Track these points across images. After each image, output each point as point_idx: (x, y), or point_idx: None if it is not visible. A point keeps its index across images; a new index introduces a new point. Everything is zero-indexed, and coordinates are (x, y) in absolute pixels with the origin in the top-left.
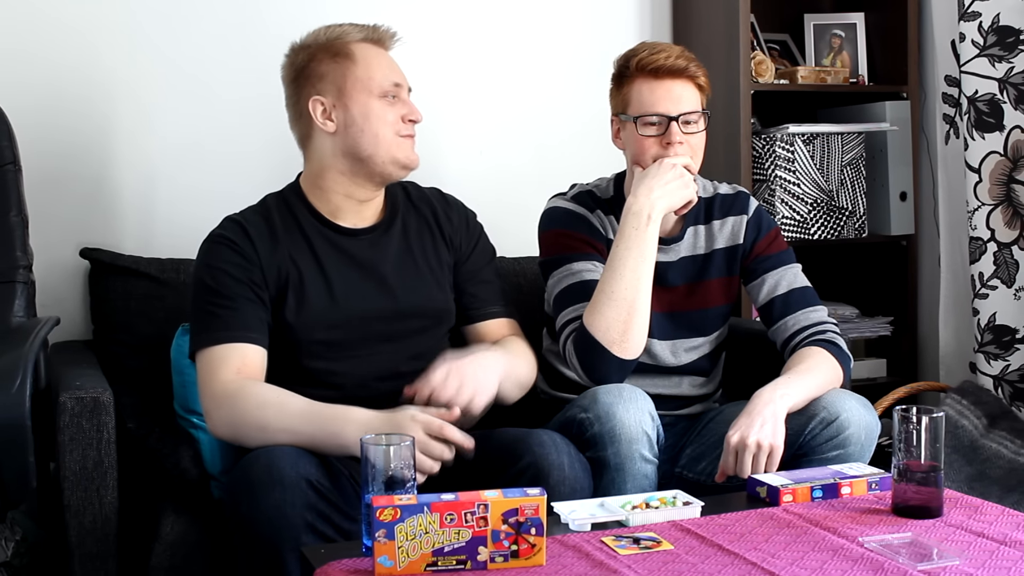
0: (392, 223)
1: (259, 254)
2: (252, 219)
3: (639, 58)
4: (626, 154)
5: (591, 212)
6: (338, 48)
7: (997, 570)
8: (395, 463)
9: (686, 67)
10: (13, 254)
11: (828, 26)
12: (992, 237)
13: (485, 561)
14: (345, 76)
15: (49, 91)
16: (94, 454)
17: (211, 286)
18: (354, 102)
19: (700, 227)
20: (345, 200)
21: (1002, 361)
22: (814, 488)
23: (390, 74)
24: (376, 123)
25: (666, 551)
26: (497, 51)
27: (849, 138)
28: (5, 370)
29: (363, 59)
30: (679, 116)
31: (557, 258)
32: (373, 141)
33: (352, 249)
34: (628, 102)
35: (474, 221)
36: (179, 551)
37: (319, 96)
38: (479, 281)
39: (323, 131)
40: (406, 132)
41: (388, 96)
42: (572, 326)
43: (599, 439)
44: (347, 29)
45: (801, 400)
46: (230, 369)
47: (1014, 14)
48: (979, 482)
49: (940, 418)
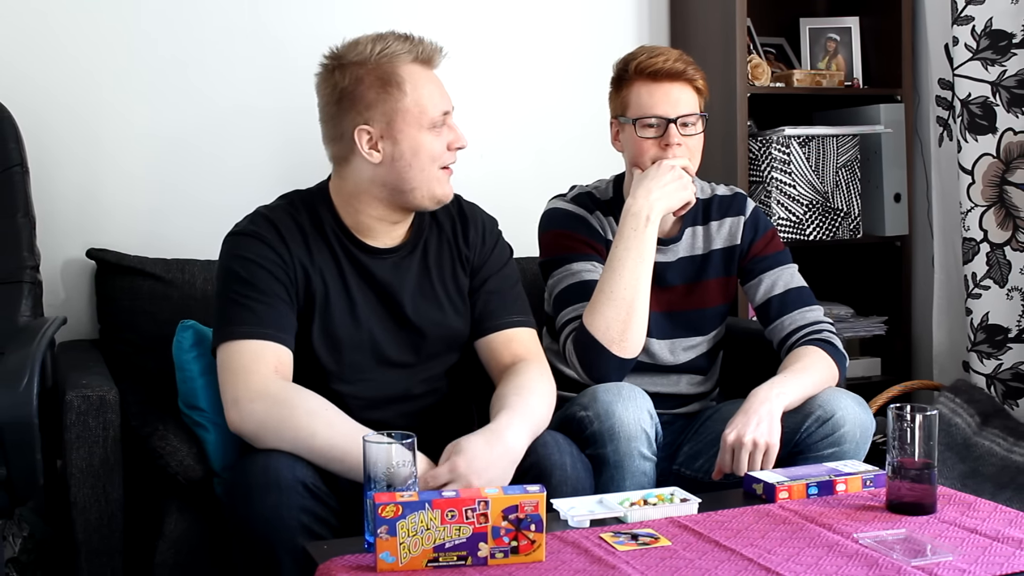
0: (416, 245)
1: (292, 254)
2: (283, 220)
3: (638, 61)
4: (625, 156)
5: (590, 213)
6: (388, 74)
7: (990, 566)
8: (396, 460)
9: (684, 70)
10: (20, 255)
11: (823, 30)
12: (985, 238)
13: (485, 557)
14: (396, 109)
15: (56, 93)
16: (100, 452)
17: (245, 278)
18: (404, 136)
19: (698, 228)
20: (377, 222)
21: (995, 360)
22: (810, 485)
23: (440, 102)
24: (424, 157)
25: (664, 547)
26: (495, 54)
27: (844, 140)
28: (12, 369)
29: (413, 88)
30: (677, 118)
31: (557, 258)
32: (419, 176)
33: (375, 269)
34: (627, 105)
35: (491, 231)
36: (183, 548)
37: (366, 126)
38: (490, 291)
39: (366, 160)
40: (449, 162)
41: (438, 125)
42: (572, 326)
43: (598, 437)
44: (395, 48)
45: (796, 399)
46: (268, 366)
47: (1006, 18)
48: (972, 479)
49: (934, 416)
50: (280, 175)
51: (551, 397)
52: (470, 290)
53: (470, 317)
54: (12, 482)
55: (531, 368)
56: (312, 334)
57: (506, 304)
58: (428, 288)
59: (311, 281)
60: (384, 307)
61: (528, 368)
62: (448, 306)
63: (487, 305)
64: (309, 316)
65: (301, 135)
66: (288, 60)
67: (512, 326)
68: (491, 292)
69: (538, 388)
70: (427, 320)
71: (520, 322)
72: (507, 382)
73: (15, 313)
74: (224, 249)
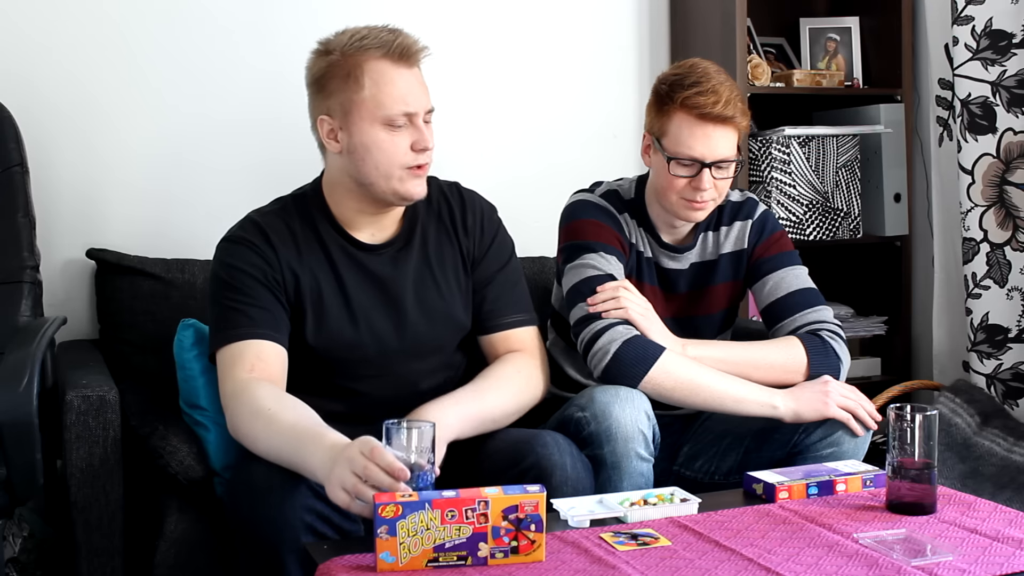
0: (411, 236)
1: (279, 259)
2: (272, 222)
3: (687, 95)
4: (652, 173)
5: (619, 213)
6: (351, 66)
7: (990, 566)
8: (417, 444)
9: (732, 116)
10: (20, 255)
11: (823, 30)
12: (985, 238)
13: (485, 557)
14: (352, 100)
15: (56, 94)
16: (100, 452)
17: (229, 283)
18: (357, 129)
19: (710, 233)
20: (357, 214)
21: (995, 360)
22: (809, 485)
23: (400, 101)
24: (377, 153)
25: (664, 547)
26: (489, 54)
27: (844, 140)
28: (13, 369)
29: (373, 83)
30: (713, 163)
31: (581, 244)
32: (374, 171)
33: (371, 266)
34: (665, 133)
35: (490, 220)
36: (183, 548)
37: (326, 116)
38: (491, 286)
39: (330, 150)
40: (414, 163)
41: (395, 124)
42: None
43: (596, 437)
44: (369, 41)
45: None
46: (244, 367)
47: (1006, 18)
48: (972, 479)
49: (934, 416)
50: (280, 175)
51: (525, 391)
52: (473, 285)
53: (472, 310)
54: (12, 482)
55: (508, 361)
56: (307, 334)
57: (508, 303)
58: (430, 280)
59: (300, 282)
60: (385, 303)
61: (505, 361)
62: (450, 297)
63: (489, 303)
64: (302, 316)
65: (301, 135)
66: (288, 61)
67: (512, 326)
68: (493, 289)
69: (506, 381)
70: (430, 312)
71: (520, 321)
72: (483, 371)
73: (15, 313)
74: (215, 256)
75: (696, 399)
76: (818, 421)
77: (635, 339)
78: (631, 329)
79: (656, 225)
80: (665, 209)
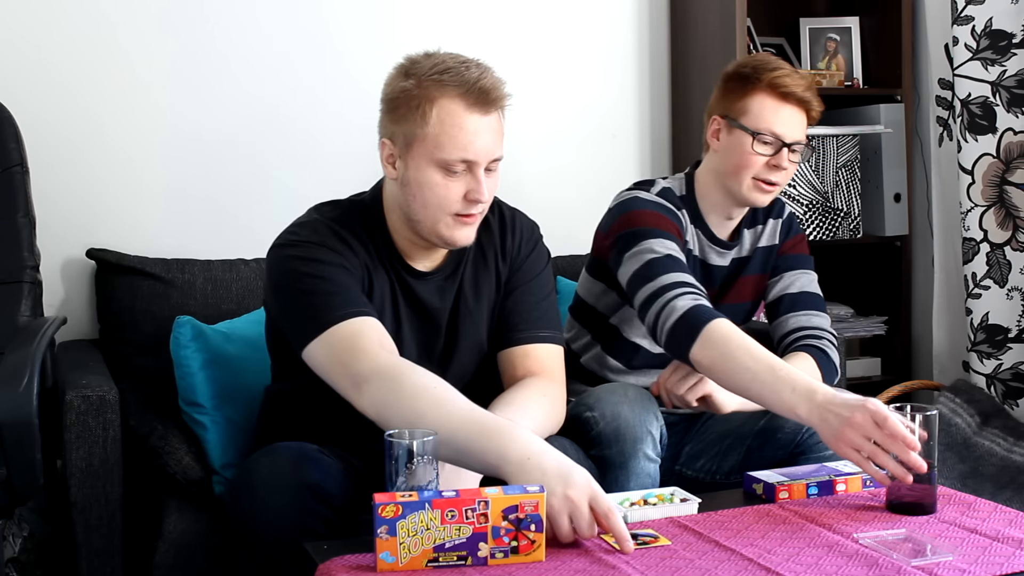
0: (459, 266)
1: (359, 259)
2: (342, 230)
3: (774, 75)
4: (717, 156)
5: (678, 209)
6: (423, 99)
7: (990, 566)
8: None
9: (811, 101)
10: (20, 254)
11: (823, 30)
12: (985, 238)
13: (485, 557)
14: (415, 134)
15: (56, 93)
16: (100, 451)
17: (317, 275)
18: (414, 164)
19: (755, 229)
20: (411, 244)
21: (994, 360)
22: (809, 485)
23: (462, 148)
24: (428, 194)
25: (664, 547)
26: (492, 57)
27: (844, 140)
28: (12, 369)
29: (439, 122)
30: (792, 144)
31: (642, 230)
32: (422, 210)
33: (421, 293)
34: (746, 111)
35: (528, 240)
36: (183, 548)
37: (388, 140)
38: (518, 297)
39: (387, 174)
40: (464, 211)
41: (452, 170)
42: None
43: (604, 438)
44: (449, 77)
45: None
46: (372, 342)
47: (1006, 18)
48: (972, 479)
49: (934, 416)
50: (281, 175)
51: (551, 416)
52: (499, 298)
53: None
54: (12, 482)
55: (532, 384)
56: None
57: (531, 317)
58: (465, 308)
59: (373, 291)
60: (427, 334)
61: (529, 384)
62: (480, 324)
63: (513, 315)
64: None
65: (301, 135)
66: (288, 61)
67: (532, 341)
68: (519, 301)
69: (533, 403)
70: (462, 341)
71: (543, 337)
72: (500, 398)
73: (15, 313)
74: (282, 264)
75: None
76: None
77: (697, 306)
78: (698, 298)
79: (708, 219)
80: (732, 193)
